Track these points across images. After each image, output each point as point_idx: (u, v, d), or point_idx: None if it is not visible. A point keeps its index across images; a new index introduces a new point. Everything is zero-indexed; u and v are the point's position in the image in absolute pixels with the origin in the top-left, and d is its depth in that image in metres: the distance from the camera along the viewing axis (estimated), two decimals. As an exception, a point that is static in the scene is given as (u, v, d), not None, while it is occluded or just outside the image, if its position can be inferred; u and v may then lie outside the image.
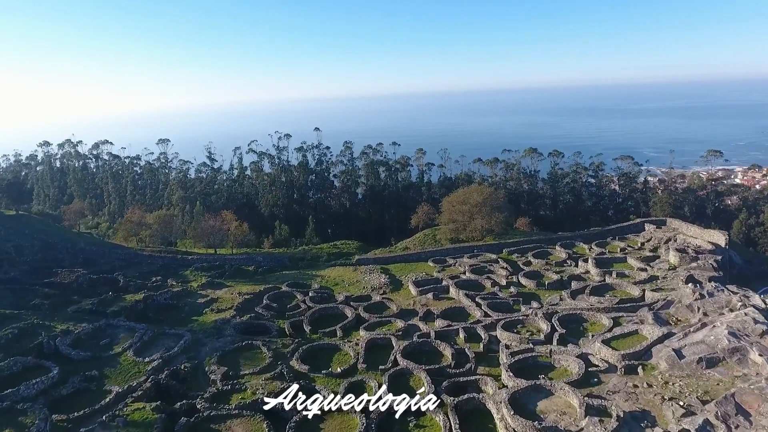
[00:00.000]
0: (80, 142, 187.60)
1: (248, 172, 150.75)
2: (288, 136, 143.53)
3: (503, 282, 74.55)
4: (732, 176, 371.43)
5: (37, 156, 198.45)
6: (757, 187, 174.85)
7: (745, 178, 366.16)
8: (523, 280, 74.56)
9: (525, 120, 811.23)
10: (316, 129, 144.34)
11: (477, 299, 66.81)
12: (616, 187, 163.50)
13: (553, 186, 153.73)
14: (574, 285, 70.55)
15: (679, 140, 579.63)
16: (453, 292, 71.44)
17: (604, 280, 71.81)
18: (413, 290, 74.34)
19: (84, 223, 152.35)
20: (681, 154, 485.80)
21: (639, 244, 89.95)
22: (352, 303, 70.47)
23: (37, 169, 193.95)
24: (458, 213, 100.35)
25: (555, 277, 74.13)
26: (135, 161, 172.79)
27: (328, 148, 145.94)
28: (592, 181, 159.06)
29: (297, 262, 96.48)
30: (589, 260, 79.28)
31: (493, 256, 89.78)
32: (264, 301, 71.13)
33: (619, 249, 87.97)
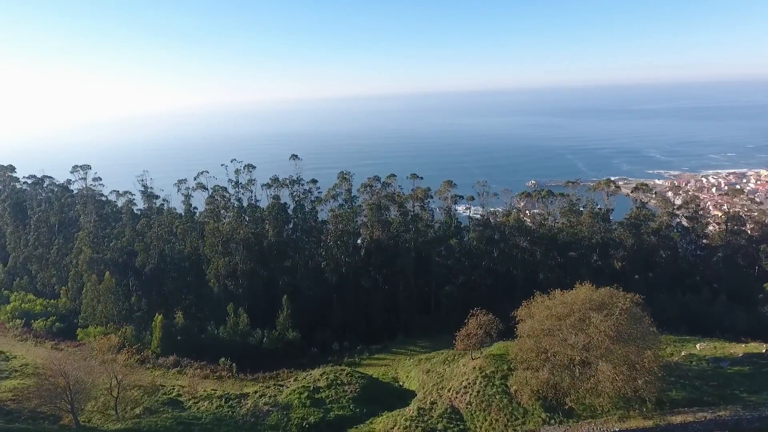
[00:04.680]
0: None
1: (198, 215, 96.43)
2: (252, 167, 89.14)
3: None
4: (744, 180, 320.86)
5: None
6: None
7: (758, 183, 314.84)
8: None
9: (528, 121, 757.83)
10: (294, 157, 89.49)
11: None
12: (714, 228, 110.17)
13: (636, 232, 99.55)
14: None
15: (685, 142, 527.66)
16: None
17: None
18: None
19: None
20: (689, 157, 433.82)
21: None
22: None
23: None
24: (557, 345, 46.86)
25: None
26: (65, 192, 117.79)
27: (314, 181, 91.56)
28: (686, 224, 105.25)
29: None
30: None
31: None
32: None
33: None
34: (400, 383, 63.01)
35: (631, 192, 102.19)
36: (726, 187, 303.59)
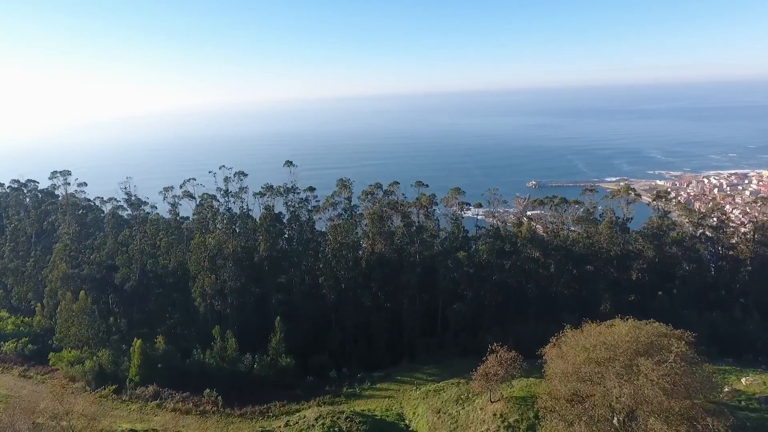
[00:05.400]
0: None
1: (185, 225, 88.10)
2: (243, 174, 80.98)
3: None
4: (746, 181, 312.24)
5: None
6: None
7: (761, 183, 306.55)
8: None
9: (528, 121, 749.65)
10: (289, 163, 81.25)
11: None
12: (738, 241, 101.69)
13: (657, 244, 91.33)
14: None
15: (686, 142, 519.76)
16: None
17: None
18: None
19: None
20: (690, 158, 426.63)
21: None
22: None
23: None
24: (597, 395, 38.79)
25: None
26: (49, 197, 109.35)
27: (311, 189, 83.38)
28: (709, 234, 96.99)
29: None
30: None
31: None
32: None
33: None
34: (407, 422, 54.94)
35: (653, 200, 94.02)
36: (728, 188, 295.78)
